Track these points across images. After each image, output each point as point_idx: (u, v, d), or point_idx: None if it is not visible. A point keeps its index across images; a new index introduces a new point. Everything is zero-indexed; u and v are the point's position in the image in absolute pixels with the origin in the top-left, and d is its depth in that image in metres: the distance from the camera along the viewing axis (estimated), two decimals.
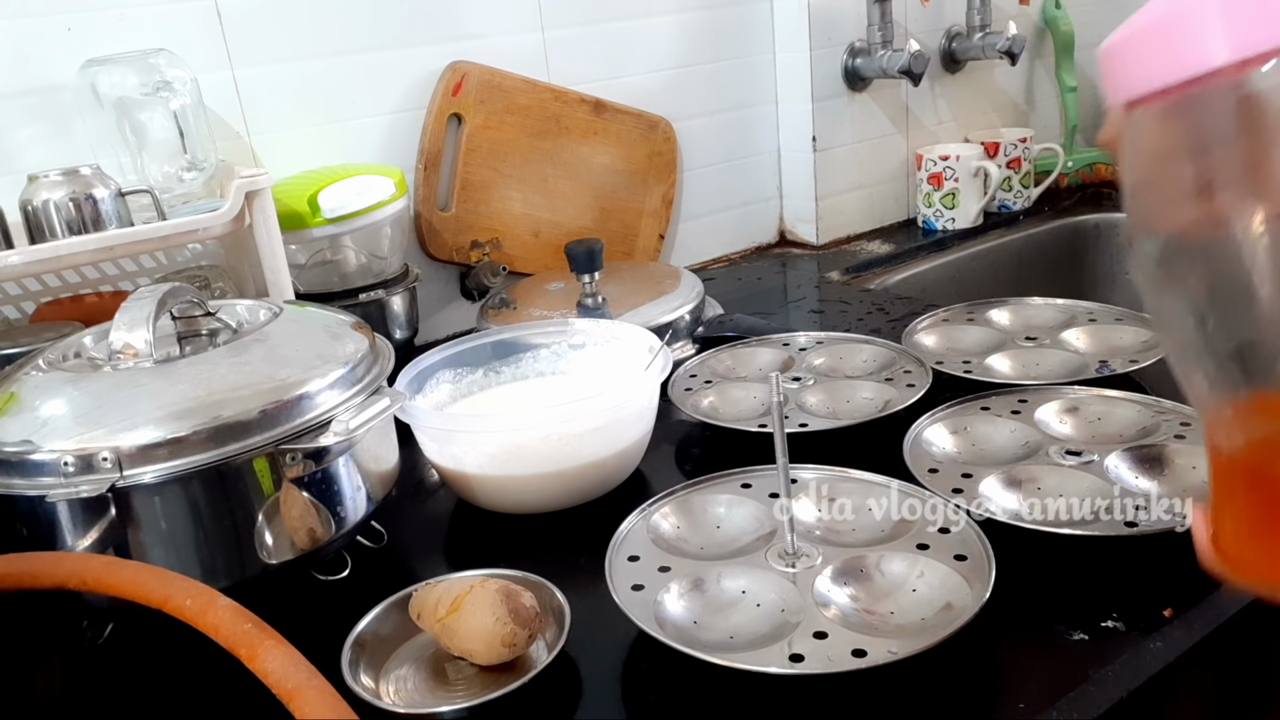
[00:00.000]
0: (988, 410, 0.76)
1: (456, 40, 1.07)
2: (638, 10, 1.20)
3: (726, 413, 0.83)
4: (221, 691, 0.55)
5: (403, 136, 1.06)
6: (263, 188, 0.81)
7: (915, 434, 0.73)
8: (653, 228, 1.27)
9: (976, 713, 0.51)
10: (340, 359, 0.63)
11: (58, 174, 0.77)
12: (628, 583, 0.58)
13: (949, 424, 0.74)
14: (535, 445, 0.70)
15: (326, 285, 0.98)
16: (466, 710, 0.51)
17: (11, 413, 0.57)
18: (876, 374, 0.87)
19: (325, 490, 0.62)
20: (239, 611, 0.45)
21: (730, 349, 0.95)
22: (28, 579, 0.51)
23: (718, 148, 1.32)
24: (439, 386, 0.82)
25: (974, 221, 1.41)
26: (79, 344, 0.64)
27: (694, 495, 0.67)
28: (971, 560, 0.56)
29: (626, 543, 0.62)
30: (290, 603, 0.55)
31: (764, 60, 1.33)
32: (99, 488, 0.53)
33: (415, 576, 0.60)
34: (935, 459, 0.70)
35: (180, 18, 0.92)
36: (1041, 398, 0.76)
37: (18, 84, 0.86)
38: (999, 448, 0.72)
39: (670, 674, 0.54)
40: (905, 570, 0.57)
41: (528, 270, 1.16)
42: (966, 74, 1.45)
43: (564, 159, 1.17)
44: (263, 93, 0.98)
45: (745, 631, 0.54)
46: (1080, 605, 0.54)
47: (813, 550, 0.59)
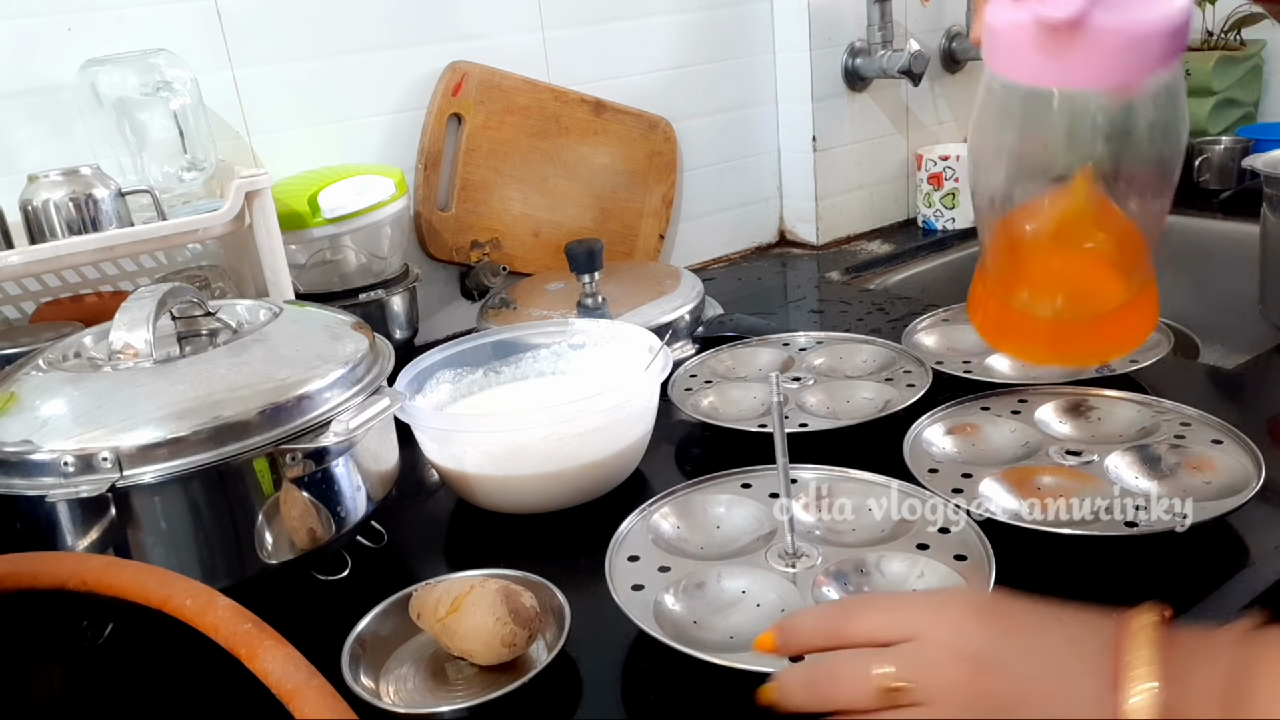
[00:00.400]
0: (988, 410, 0.76)
1: (456, 40, 1.07)
2: (637, 10, 1.20)
3: (726, 413, 0.83)
4: (221, 691, 0.55)
5: (403, 136, 1.06)
6: (263, 188, 0.81)
7: (915, 434, 0.73)
8: (653, 228, 1.27)
9: None
10: (340, 359, 0.63)
11: (58, 174, 0.77)
12: (628, 583, 0.58)
13: (947, 424, 0.74)
14: (535, 445, 0.70)
15: (326, 285, 0.98)
16: (466, 710, 0.51)
17: (11, 413, 0.57)
18: (876, 374, 0.87)
19: (325, 490, 0.62)
20: (239, 611, 0.45)
21: (730, 349, 0.95)
22: (27, 579, 0.51)
23: (718, 148, 1.32)
24: (439, 386, 0.82)
25: (974, 221, 1.40)
26: (79, 344, 0.64)
27: (694, 495, 0.67)
28: (971, 560, 0.56)
29: (626, 543, 0.62)
30: (290, 603, 0.55)
31: (764, 60, 1.33)
32: (99, 488, 0.53)
33: (415, 576, 0.60)
34: (935, 459, 0.70)
35: (180, 18, 0.92)
36: (1041, 398, 0.76)
37: (18, 84, 0.87)
38: (999, 448, 0.72)
39: (670, 674, 0.54)
40: (905, 570, 0.57)
41: (528, 270, 1.16)
42: (966, 74, 1.45)
43: (564, 159, 1.17)
44: (263, 93, 0.98)
45: (745, 631, 0.54)
46: (1080, 605, 0.53)
47: (812, 550, 0.59)
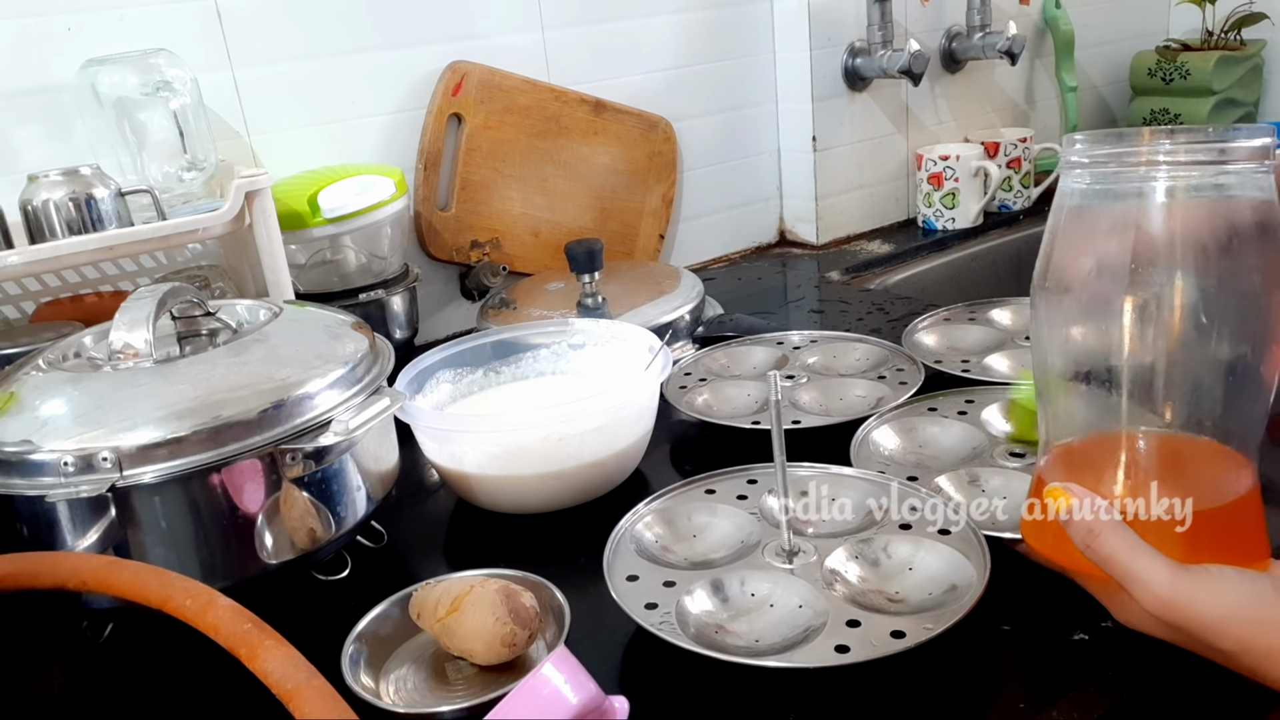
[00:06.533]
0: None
1: (456, 40, 1.07)
2: (638, 10, 1.20)
3: (721, 410, 0.83)
4: (221, 691, 0.55)
5: (403, 136, 1.06)
6: (263, 188, 0.81)
7: (864, 436, 0.73)
8: (653, 228, 1.27)
9: (976, 713, 0.51)
10: (340, 359, 0.63)
11: (58, 174, 0.77)
12: (628, 584, 0.58)
13: (898, 425, 0.75)
14: (535, 445, 0.70)
15: (326, 285, 0.98)
16: (466, 710, 0.50)
17: (11, 413, 0.57)
18: (869, 372, 0.87)
19: (325, 490, 0.62)
20: (239, 611, 0.45)
21: (724, 347, 0.95)
22: (27, 579, 0.51)
23: (718, 148, 1.32)
24: (439, 386, 0.82)
25: (974, 221, 1.41)
26: (79, 344, 0.64)
27: (692, 493, 0.67)
28: (971, 560, 0.57)
29: (625, 542, 0.62)
30: (290, 603, 0.55)
31: (764, 60, 1.33)
32: (99, 488, 0.53)
33: (415, 576, 0.60)
34: (883, 459, 0.71)
35: (180, 18, 0.92)
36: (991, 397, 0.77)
37: (18, 84, 0.87)
38: (948, 448, 0.72)
39: (670, 673, 0.54)
40: (909, 552, 0.58)
41: (528, 270, 1.16)
42: (966, 74, 1.45)
43: (564, 159, 1.17)
44: (263, 93, 0.98)
45: (745, 629, 0.54)
46: (1080, 605, 0.54)
47: (809, 546, 0.59)
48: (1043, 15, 1.52)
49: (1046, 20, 1.53)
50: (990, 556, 0.55)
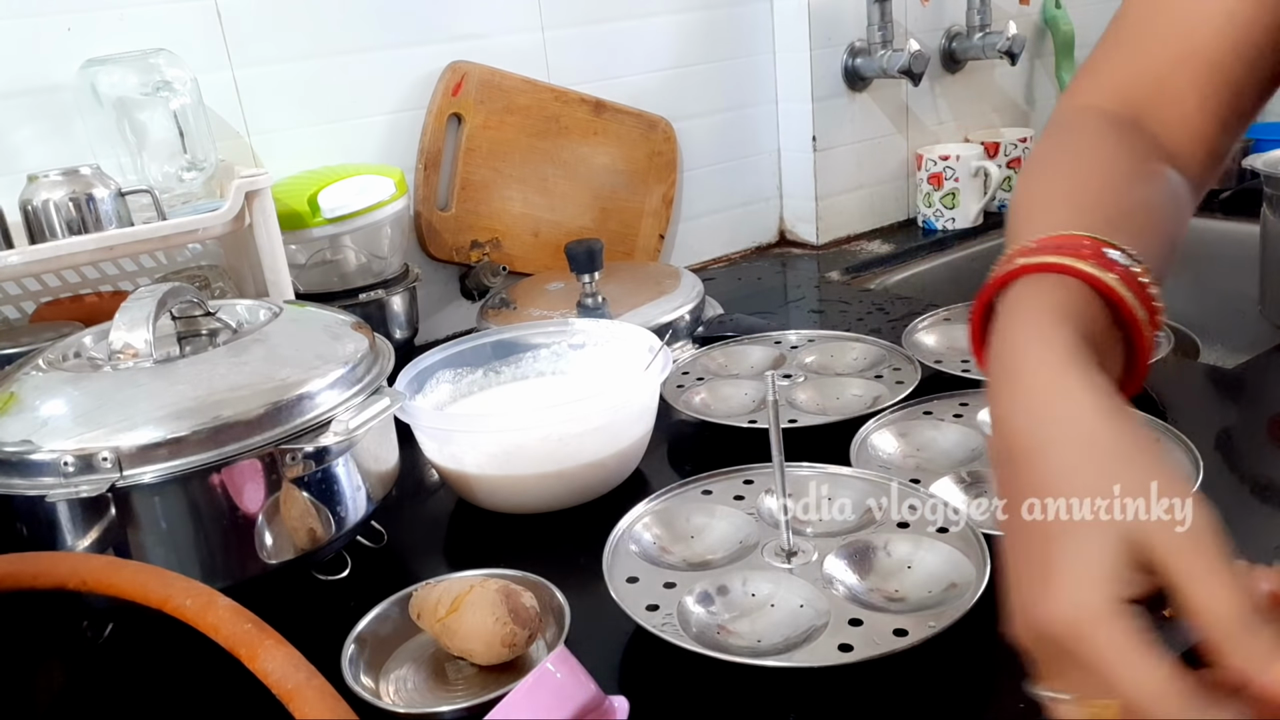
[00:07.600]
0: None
1: (456, 40, 1.07)
2: (637, 10, 1.20)
3: (718, 409, 0.83)
4: (221, 691, 0.55)
5: (403, 136, 1.06)
6: (263, 188, 0.81)
7: (863, 439, 0.73)
8: (653, 228, 1.27)
9: (976, 712, 0.51)
10: (340, 359, 0.63)
11: (58, 174, 0.77)
12: (627, 584, 0.58)
13: (896, 429, 0.75)
14: (535, 445, 0.70)
15: (326, 285, 0.98)
16: (466, 710, 0.50)
17: (11, 413, 0.57)
18: (866, 371, 0.87)
19: (325, 490, 0.62)
20: (239, 611, 0.46)
21: (722, 347, 0.95)
22: (28, 579, 0.51)
23: (718, 148, 1.32)
24: (439, 386, 0.82)
25: (974, 221, 1.41)
26: (79, 344, 0.64)
27: (689, 495, 0.67)
28: (971, 558, 0.57)
29: (625, 542, 0.62)
30: (290, 603, 0.55)
31: (764, 60, 1.33)
32: (99, 488, 0.53)
33: (415, 576, 0.60)
34: (882, 463, 0.71)
35: (180, 18, 0.92)
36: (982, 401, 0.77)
37: (18, 84, 0.86)
38: (946, 450, 0.72)
39: (670, 674, 0.54)
40: (909, 550, 0.58)
41: (528, 270, 1.16)
42: (966, 74, 1.45)
43: (564, 159, 1.17)
44: (263, 93, 0.98)
45: (745, 629, 0.54)
46: None
47: (808, 546, 0.59)
48: (1043, 15, 1.52)
49: (1046, 20, 1.53)
50: (990, 555, 0.55)
